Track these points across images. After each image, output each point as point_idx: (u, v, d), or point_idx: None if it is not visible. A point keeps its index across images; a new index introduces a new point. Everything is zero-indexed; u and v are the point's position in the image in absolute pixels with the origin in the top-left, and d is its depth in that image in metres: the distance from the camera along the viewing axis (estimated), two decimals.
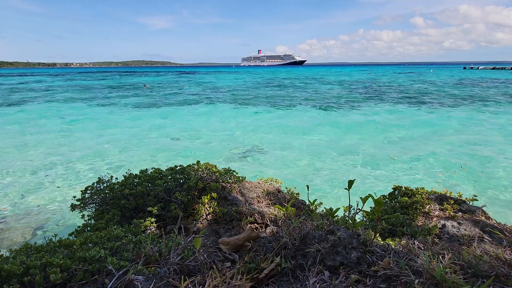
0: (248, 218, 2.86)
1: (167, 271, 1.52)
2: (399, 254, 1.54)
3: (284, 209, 2.05)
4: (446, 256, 1.40)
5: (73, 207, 3.05)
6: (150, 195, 2.99)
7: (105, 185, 3.16)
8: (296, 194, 3.59)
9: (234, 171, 3.54)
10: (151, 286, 1.40)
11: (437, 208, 2.87)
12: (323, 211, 2.81)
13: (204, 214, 2.94)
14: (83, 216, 2.94)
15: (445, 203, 2.87)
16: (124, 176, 3.25)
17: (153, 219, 2.56)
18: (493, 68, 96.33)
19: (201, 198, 3.01)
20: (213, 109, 21.46)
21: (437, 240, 2.28)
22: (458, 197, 3.05)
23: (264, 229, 2.78)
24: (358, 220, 2.05)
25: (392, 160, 9.52)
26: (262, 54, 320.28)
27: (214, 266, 1.60)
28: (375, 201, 1.63)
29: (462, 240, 2.26)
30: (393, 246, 1.69)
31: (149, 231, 2.47)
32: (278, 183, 3.87)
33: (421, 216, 2.81)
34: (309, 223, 1.80)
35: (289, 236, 1.70)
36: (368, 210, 1.74)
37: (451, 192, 3.17)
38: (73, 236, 2.34)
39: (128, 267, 1.49)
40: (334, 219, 2.05)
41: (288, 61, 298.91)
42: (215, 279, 1.46)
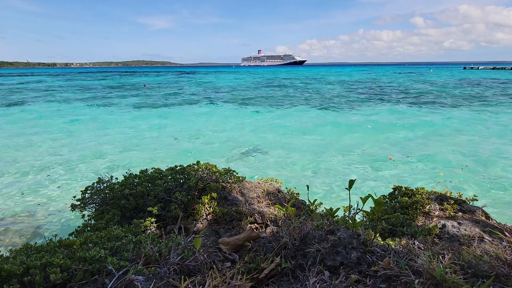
0: (248, 218, 2.86)
1: (167, 271, 1.52)
2: (399, 254, 1.54)
3: (284, 209, 2.05)
4: (446, 256, 1.40)
5: (73, 207, 3.06)
6: (150, 195, 2.99)
7: (105, 185, 3.16)
8: (296, 194, 3.59)
9: (234, 171, 3.54)
10: (151, 286, 1.40)
11: (437, 208, 2.87)
12: (323, 211, 2.81)
13: (204, 214, 2.94)
14: (83, 216, 2.94)
15: (445, 203, 2.87)
16: (124, 176, 3.25)
17: (153, 219, 2.57)
18: (493, 68, 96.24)
19: (201, 198, 3.01)
20: (213, 109, 21.46)
21: (437, 240, 2.28)
22: (458, 197, 3.05)
23: (264, 229, 2.78)
24: (358, 220, 2.05)
25: (393, 160, 9.51)
26: (262, 54, 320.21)
27: (214, 266, 1.60)
28: (375, 201, 1.63)
29: (462, 240, 2.26)
30: (393, 246, 1.69)
31: (149, 231, 2.47)
32: (278, 183, 3.87)
33: (421, 216, 2.80)
34: (309, 223, 1.80)
35: (289, 236, 1.70)
36: (368, 210, 1.74)
37: (451, 192, 3.17)
38: (73, 236, 2.34)
39: (128, 267, 1.49)
40: (334, 219, 2.05)
41: (288, 61, 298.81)
42: (215, 279, 1.46)
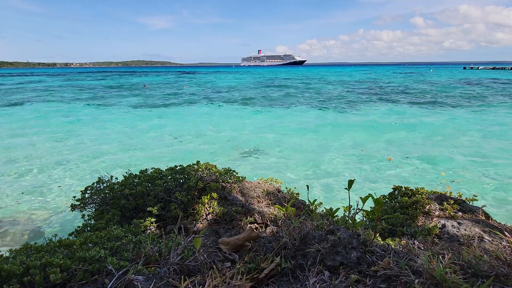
0: (248, 218, 2.86)
1: (167, 271, 1.52)
2: (399, 254, 1.54)
3: (284, 209, 2.05)
4: (446, 256, 1.40)
5: (73, 207, 3.06)
6: (150, 195, 2.99)
7: (105, 185, 3.17)
8: (296, 194, 3.59)
9: (234, 171, 3.54)
10: (151, 286, 1.40)
11: (437, 208, 2.87)
12: (323, 211, 2.81)
13: (204, 214, 2.93)
14: (83, 216, 2.94)
15: (445, 203, 2.87)
16: (124, 176, 3.25)
17: (153, 219, 2.57)
18: (493, 68, 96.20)
19: (201, 198, 3.01)
20: (213, 109, 21.45)
21: (437, 240, 2.28)
22: (458, 197, 3.05)
23: (264, 229, 2.77)
24: (358, 220, 2.05)
25: (392, 161, 9.51)
26: (262, 54, 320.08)
27: (214, 266, 1.60)
28: (375, 201, 1.63)
29: (462, 240, 2.26)
30: (393, 246, 1.69)
31: (149, 231, 2.47)
32: (278, 183, 3.87)
33: (421, 216, 2.80)
34: (309, 223, 1.79)
35: (289, 236, 1.70)
36: (368, 210, 1.74)
37: (451, 192, 3.17)
38: (73, 236, 2.34)
39: (128, 267, 1.49)
40: (334, 219, 2.05)
41: (288, 61, 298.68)
42: (215, 279, 1.46)
